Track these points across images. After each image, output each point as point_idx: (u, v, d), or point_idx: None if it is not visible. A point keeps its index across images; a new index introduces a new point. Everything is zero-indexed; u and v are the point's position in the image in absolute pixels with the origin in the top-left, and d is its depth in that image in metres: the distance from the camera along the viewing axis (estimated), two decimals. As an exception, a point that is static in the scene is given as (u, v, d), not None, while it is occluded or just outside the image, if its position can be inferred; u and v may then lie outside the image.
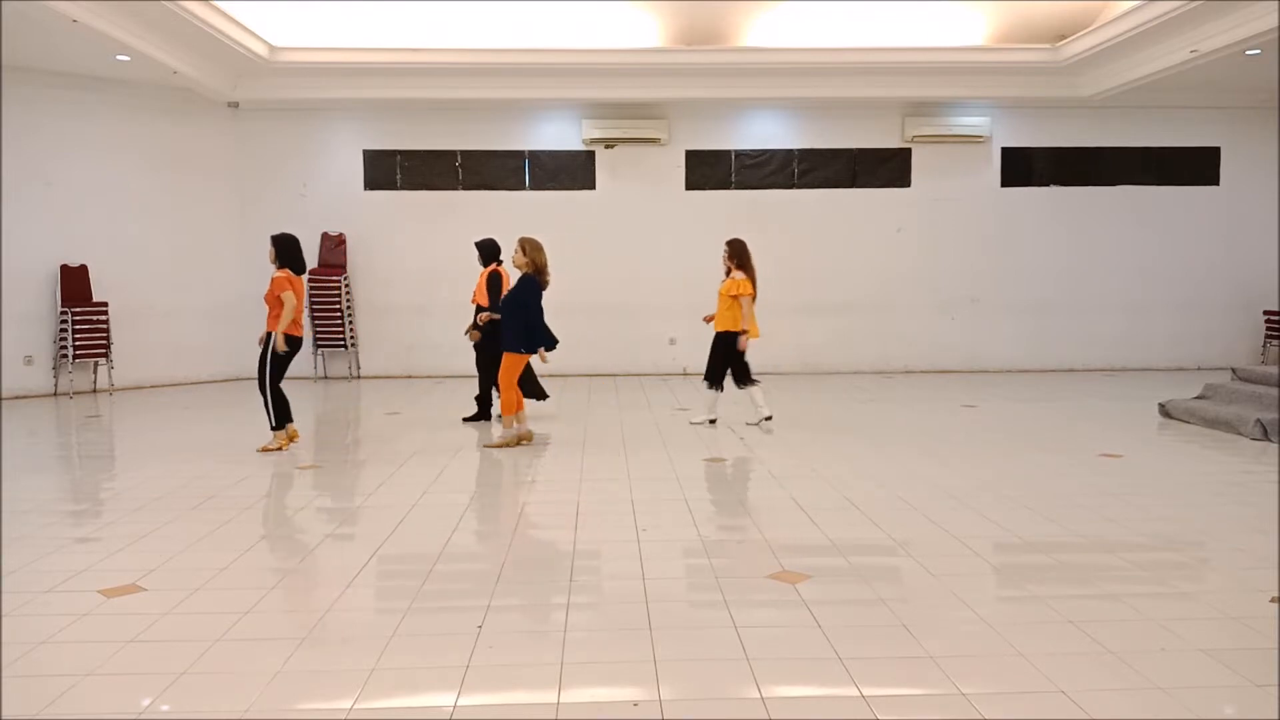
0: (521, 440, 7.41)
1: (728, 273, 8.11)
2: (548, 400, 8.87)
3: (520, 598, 4.03)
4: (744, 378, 8.15)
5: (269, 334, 7.11)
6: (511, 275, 8.79)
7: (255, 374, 7.28)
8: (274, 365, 7.13)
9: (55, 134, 10.76)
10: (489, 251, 8.61)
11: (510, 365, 7.32)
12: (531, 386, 8.74)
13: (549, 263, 7.45)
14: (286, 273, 7.16)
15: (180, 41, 9.94)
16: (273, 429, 7.31)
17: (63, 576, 4.22)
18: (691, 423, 8.37)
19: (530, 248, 7.33)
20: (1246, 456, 6.89)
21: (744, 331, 7.93)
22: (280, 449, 7.27)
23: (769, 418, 8.14)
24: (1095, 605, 3.66)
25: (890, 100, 12.15)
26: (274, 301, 7.12)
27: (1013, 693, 3.03)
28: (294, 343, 7.14)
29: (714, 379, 8.19)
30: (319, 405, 10.28)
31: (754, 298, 8.00)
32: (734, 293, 7.94)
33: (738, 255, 8.08)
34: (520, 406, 7.42)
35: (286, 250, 7.25)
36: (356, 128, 12.39)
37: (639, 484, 6.08)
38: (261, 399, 7.25)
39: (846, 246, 12.62)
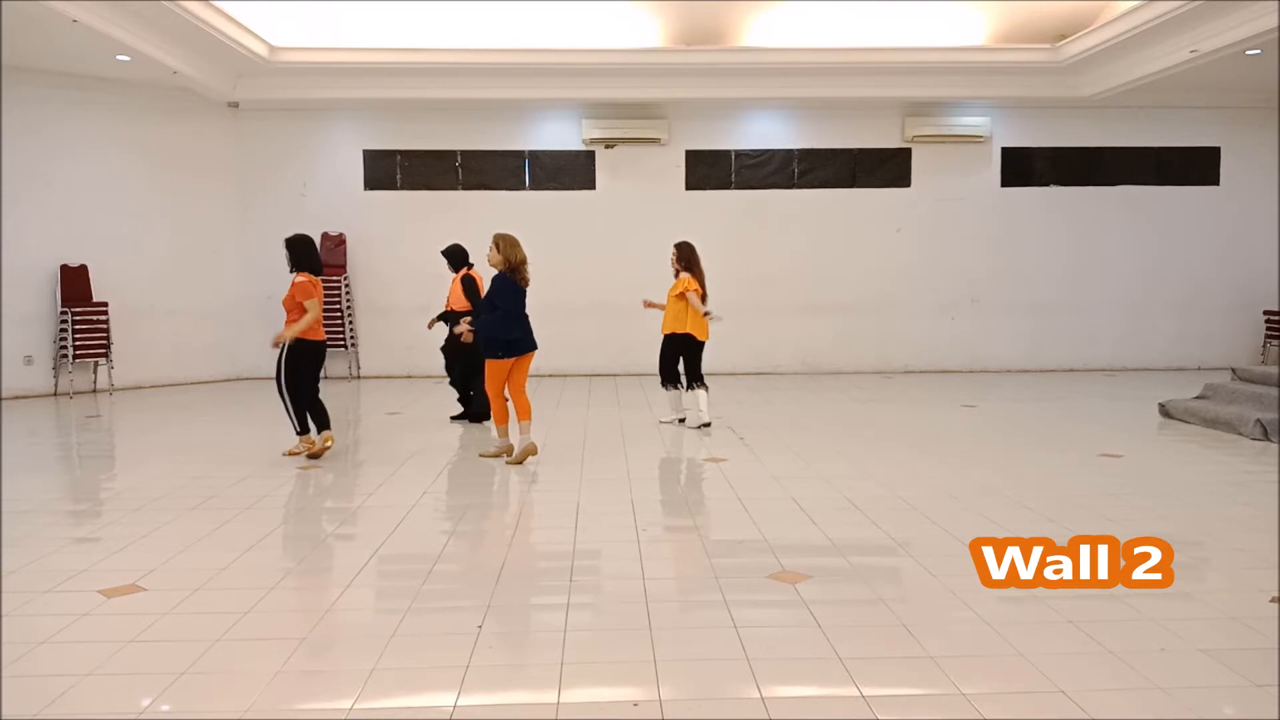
0: (503, 454, 6.85)
1: (676, 275, 8.10)
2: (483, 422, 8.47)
3: (520, 598, 4.03)
4: (695, 379, 8.11)
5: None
6: (484, 276, 8.75)
7: (273, 377, 6.96)
8: (291, 368, 6.75)
9: (55, 134, 10.74)
10: (457, 257, 8.61)
11: (491, 373, 6.70)
12: (481, 405, 8.30)
13: (528, 259, 6.72)
14: (309, 277, 6.80)
15: (180, 41, 9.93)
16: (297, 433, 6.94)
17: (63, 576, 4.22)
18: (661, 422, 8.36)
19: (504, 244, 6.65)
20: (1246, 456, 6.89)
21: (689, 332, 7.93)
22: (296, 454, 6.95)
23: (708, 424, 8.06)
24: (1095, 605, 3.66)
25: (890, 100, 12.14)
26: (294, 306, 6.75)
27: (1013, 693, 3.03)
28: (317, 347, 6.92)
29: (668, 377, 8.20)
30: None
31: (703, 297, 7.97)
32: (680, 289, 7.93)
33: (686, 258, 8.07)
34: (507, 419, 6.84)
35: (302, 252, 6.90)
36: (356, 128, 12.38)
37: (639, 484, 6.08)
38: (282, 403, 6.88)
39: (846, 246, 12.60)
